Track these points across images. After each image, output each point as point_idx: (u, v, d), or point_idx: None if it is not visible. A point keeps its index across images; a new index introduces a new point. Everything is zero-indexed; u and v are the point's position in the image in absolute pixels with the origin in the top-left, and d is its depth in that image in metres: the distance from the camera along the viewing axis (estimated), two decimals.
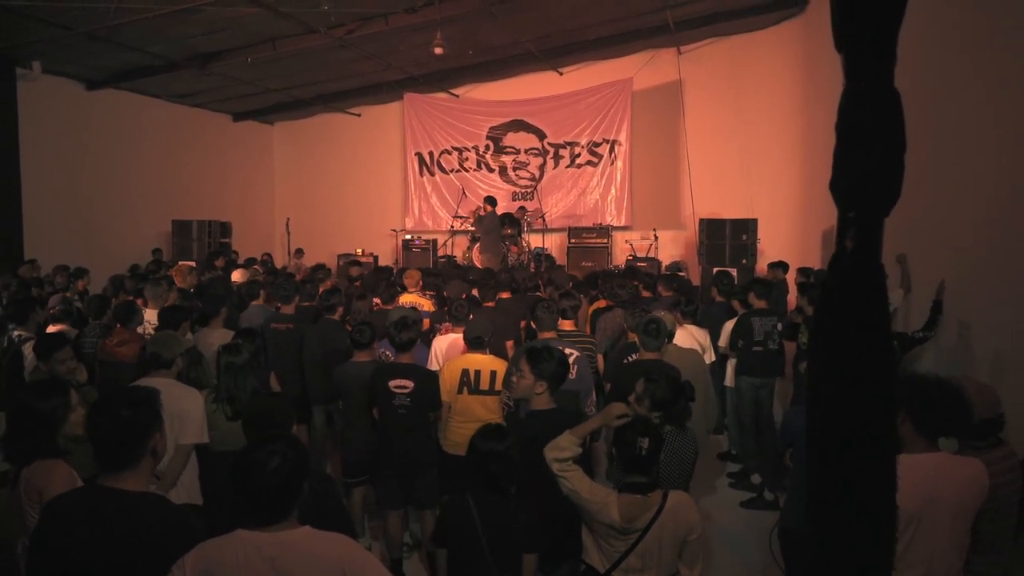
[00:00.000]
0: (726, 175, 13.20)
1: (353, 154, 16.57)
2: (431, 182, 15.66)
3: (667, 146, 13.89)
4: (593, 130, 14.27)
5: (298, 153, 17.24)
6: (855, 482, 1.07)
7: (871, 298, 1.07)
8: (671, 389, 3.33)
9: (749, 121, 12.97)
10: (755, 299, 6.03)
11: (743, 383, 5.91)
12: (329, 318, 5.81)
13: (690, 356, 4.73)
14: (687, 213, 13.50)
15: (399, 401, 4.25)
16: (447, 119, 15.40)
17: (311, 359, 5.59)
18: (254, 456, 2.03)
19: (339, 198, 16.66)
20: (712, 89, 13.45)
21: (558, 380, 3.29)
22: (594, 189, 14.40)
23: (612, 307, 6.20)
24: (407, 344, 4.39)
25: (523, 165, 14.98)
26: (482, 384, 4.39)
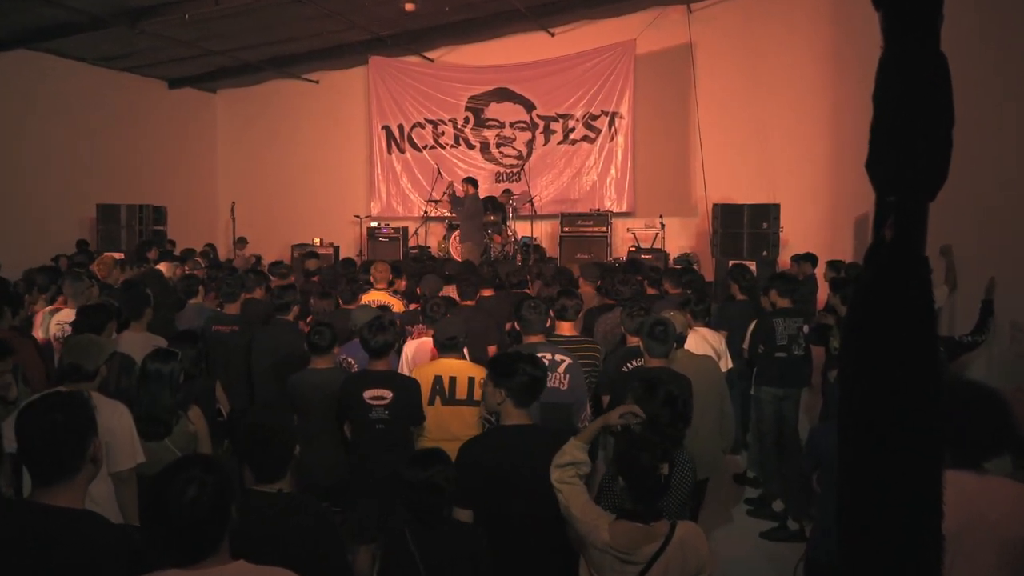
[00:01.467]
0: (743, 153, 13.26)
1: (310, 128, 16.50)
2: (401, 160, 15.62)
3: (675, 120, 13.94)
4: (590, 101, 14.29)
5: (245, 126, 17.13)
6: (894, 509, 1.07)
7: (914, 296, 1.07)
8: (674, 401, 3.34)
9: (770, 90, 13.04)
10: (777, 297, 6.05)
11: (764, 394, 5.94)
12: (282, 319, 5.78)
13: (703, 363, 4.74)
14: (698, 197, 13.56)
15: (376, 415, 4.23)
16: (420, 87, 15.36)
17: (261, 366, 5.56)
18: (167, 487, 2.01)
19: (294, 179, 16.59)
20: (727, 53, 13.50)
21: (526, 393, 3.26)
22: (591, 169, 14.42)
23: (611, 306, 6.20)
24: (383, 348, 4.37)
25: (508, 141, 14.99)
26: (458, 393, 4.37)
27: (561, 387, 4.38)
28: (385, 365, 4.42)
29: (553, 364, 4.37)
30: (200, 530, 2.01)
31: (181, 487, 2.00)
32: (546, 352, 4.42)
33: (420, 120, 15.45)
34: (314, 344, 4.65)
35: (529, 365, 3.27)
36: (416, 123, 15.49)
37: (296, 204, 16.40)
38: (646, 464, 2.74)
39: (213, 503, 2.02)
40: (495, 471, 3.13)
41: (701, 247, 13.20)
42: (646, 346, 4.34)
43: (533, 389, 3.26)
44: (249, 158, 17.10)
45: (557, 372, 4.39)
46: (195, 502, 1.99)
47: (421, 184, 15.23)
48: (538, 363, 3.31)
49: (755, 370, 6.03)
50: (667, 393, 3.37)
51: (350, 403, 4.30)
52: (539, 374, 3.27)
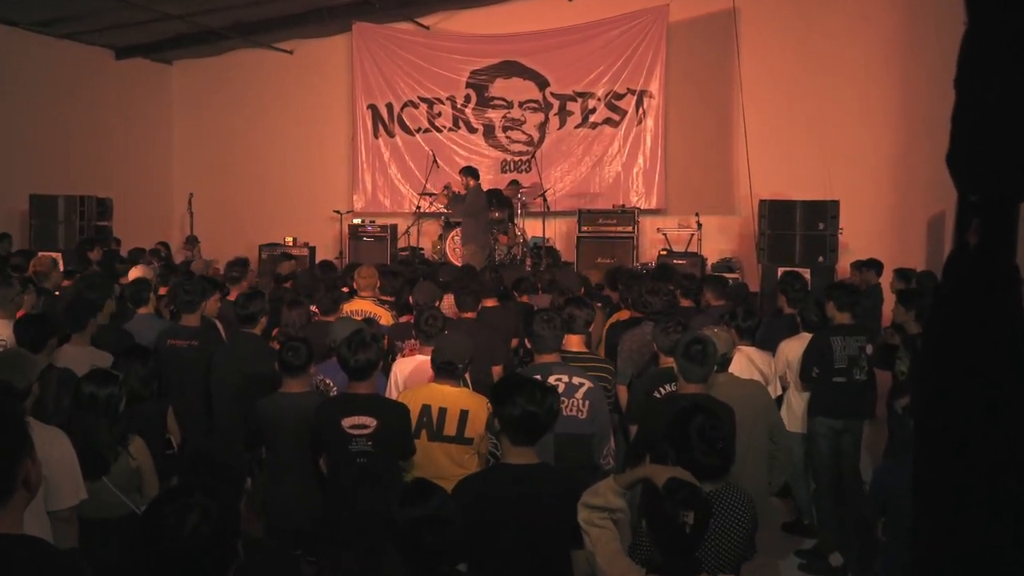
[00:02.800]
0: (796, 141, 13.26)
1: (282, 107, 16.53)
2: (390, 146, 15.66)
3: (715, 100, 13.94)
4: (614, 77, 14.32)
5: (206, 104, 17.19)
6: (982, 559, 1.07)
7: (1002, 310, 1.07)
8: (712, 436, 3.34)
9: (829, 67, 13.04)
10: (835, 311, 6.05)
11: (819, 427, 5.93)
12: (248, 332, 5.79)
13: (749, 389, 4.74)
14: (742, 192, 13.54)
15: (358, 446, 4.24)
16: (412, 59, 15.41)
17: (223, 389, 5.57)
18: (163, 514, 2.01)
19: (262, 167, 16.63)
20: (777, 22, 13.52)
21: (518, 429, 3.26)
22: (614, 158, 14.45)
23: (638, 320, 6.21)
24: (365, 368, 4.38)
25: (516, 124, 15.03)
26: (447, 427, 4.39)
27: (580, 415, 4.39)
28: (368, 388, 4.43)
29: (570, 388, 4.39)
30: (201, 564, 2.00)
31: (180, 514, 2.00)
32: (562, 374, 4.44)
33: (413, 98, 15.49)
34: (286, 363, 4.65)
35: (523, 395, 3.25)
36: (408, 102, 15.52)
37: (265, 197, 16.44)
38: (667, 511, 2.74)
39: (215, 533, 2.02)
40: (487, 519, 3.14)
41: (745, 251, 13.19)
42: (681, 368, 4.34)
43: (527, 426, 3.25)
44: (210, 142, 17.15)
45: (575, 398, 4.40)
46: (196, 532, 1.99)
47: (413, 174, 15.25)
48: (535, 394, 3.27)
49: (809, 398, 6.03)
50: (705, 426, 3.37)
51: (327, 432, 4.31)
52: (533, 408, 3.23)
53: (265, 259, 13.71)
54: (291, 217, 15.79)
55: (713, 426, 3.37)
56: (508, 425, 3.27)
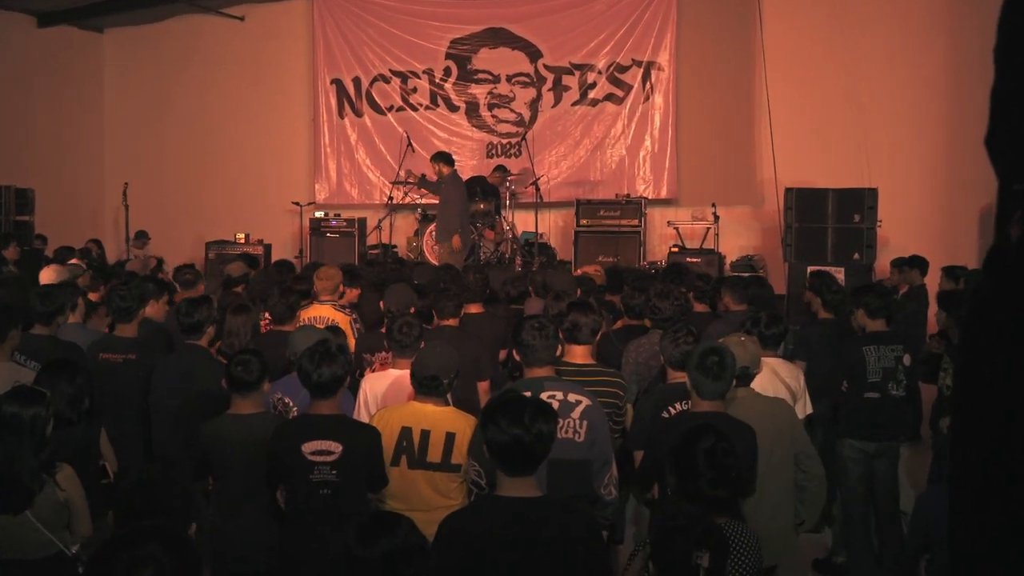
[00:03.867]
0: (828, 121, 13.28)
1: (231, 82, 16.53)
2: (357, 126, 15.68)
3: (734, 74, 13.98)
4: (617, 46, 14.35)
5: (143, 79, 17.15)
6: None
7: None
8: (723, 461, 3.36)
9: (865, 37, 13.07)
10: (866, 317, 6.09)
11: (849, 449, 5.96)
12: (193, 344, 5.79)
13: (773, 408, 4.75)
14: (765, 179, 13.58)
15: (320, 475, 4.24)
16: (383, 26, 15.43)
17: (163, 409, 5.56)
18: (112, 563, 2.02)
19: (209, 153, 16.62)
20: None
21: (504, 459, 3.26)
22: (618, 140, 14.49)
23: (645, 329, 6.23)
24: (330, 385, 4.36)
25: (505, 100, 15.06)
26: (431, 452, 4.38)
27: (576, 438, 4.38)
28: (333, 408, 4.43)
29: (565, 407, 4.38)
30: None
31: (131, 566, 2.00)
32: (555, 390, 4.44)
33: (384, 72, 15.51)
34: (236, 379, 4.64)
35: (508, 417, 3.23)
36: (378, 76, 15.54)
37: (212, 187, 16.45)
38: (678, 551, 2.75)
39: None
40: (477, 562, 3.14)
41: (769, 247, 13.21)
42: (694, 383, 4.35)
43: (515, 454, 3.24)
44: (147, 123, 17.13)
45: (571, 417, 4.40)
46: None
47: (384, 159, 15.26)
48: (522, 415, 3.25)
49: (839, 415, 6.06)
50: (715, 449, 3.38)
51: (285, 460, 4.30)
52: (519, 432, 3.22)
53: (212, 259, 13.70)
54: (243, 210, 15.78)
55: (725, 450, 3.37)
56: (494, 453, 3.27)
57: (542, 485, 3.43)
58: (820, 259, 10.74)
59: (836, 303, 6.87)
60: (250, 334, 6.23)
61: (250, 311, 6.47)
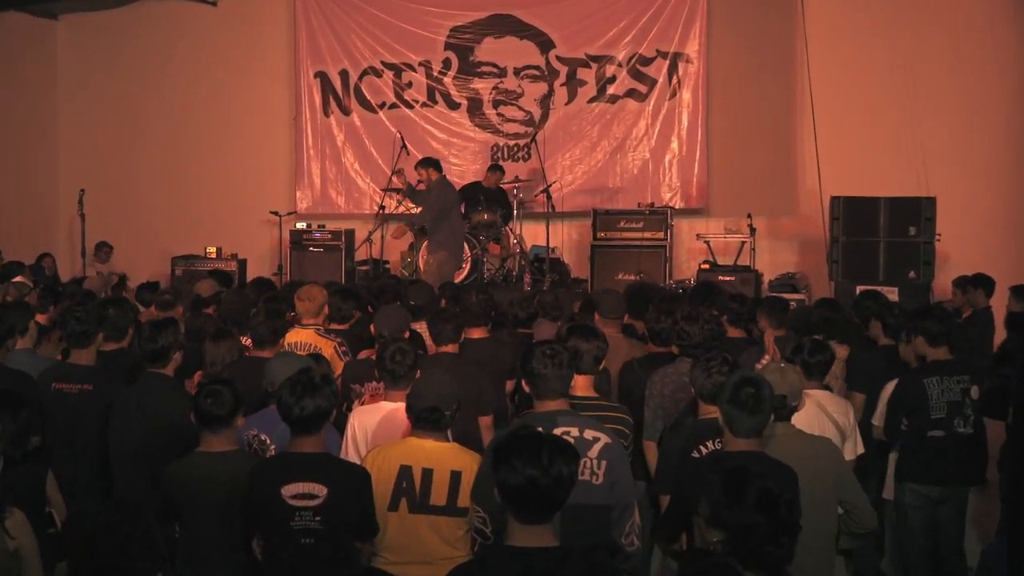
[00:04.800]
0: (880, 122, 13.29)
1: (203, 75, 16.51)
2: (345, 126, 15.70)
3: (773, 66, 14.01)
4: (639, 35, 14.37)
5: (102, 72, 17.13)
6: None
7: None
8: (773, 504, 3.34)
9: (922, 26, 13.08)
10: (927, 345, 6.06)
11: (910, 495, 5.93)
12: (157, 372, 5.78)
13: (817, 448, 4.73)
14: (808, 187, 13.58)
15: (302, 522, 4.23)
16: (375, 12, 15.44)
17: (124, 446, 5.54)
18: None
19: (177, 155, 16.58)
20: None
21: (518, 503, 3.24)
22: (640, 141, 14.51)
23: (673, 356, 6.21)
24: (314, 419, 4.36)
25: (512, 97, 15.08)
26: (434, 494, 4.39)
27: (594, 480, 4.37)
28: (317, 445, 4.43)
29: (582, 445, 4.36)
30: None
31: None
32: (570, 426, 4.42)
33: (375, 64, 15.53)
34: (205, 412, 4.65)
35: (523, 456, 3.22)
36: (368, 69, 15.56)
37: (179, 194, 16.43)
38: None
39: None
40: None
41: (812, 264, 13.20)
42: (727, 418, 4.34)
43: (529, 498, 3.23)
44: (107, 122, 17.10)
45: (588, 457, 4.38)
46: None
47: (375, 163, 15.24)
48: (539, 455, 3.24)
49: (897, 457, 6.02)
50: (763, 493, 3.37)
51: (262, 505, 4.29)
52: (535, 474, 3.20)
53: (180, 276, 13.69)
54: (214, 221, 15.79)
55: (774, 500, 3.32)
56: (507, 497, 3.26)
57: (556, 533, 3.41)
58: (871, 277, 10.73)
59: (900, 328, 6.83)
60: (227, 362, 6.22)
61: (233, 337, 6.47)
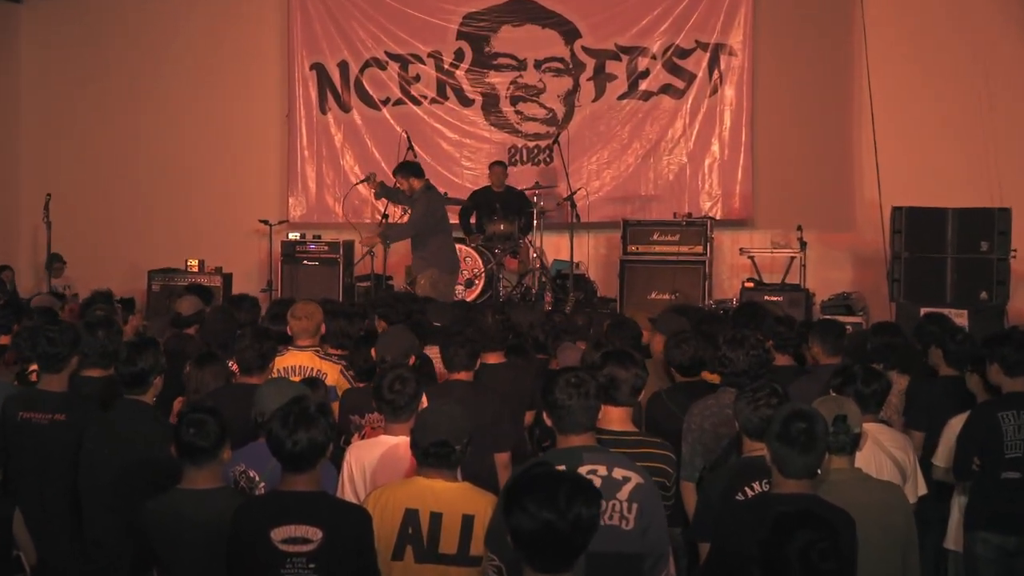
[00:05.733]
0: (946, 124, 13.29)
1: (184, 67, 16.59)
2: (344, 124, 15.79)
3: (827, 61, 14.02)
4: (676, 24, 14.41)
5: (71, 63, 17.21)
6: None
7: None
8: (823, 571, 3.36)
9: (995, 18, 13.08)
10: (1001, 374, 6.06)
11: (982, 545, 5.90)
12: (134, 400, 5.81)
13: (883, 495, 4.75)
14: (865, 196, 13.57)
15: (294, 570, 4.23)
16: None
17: (97, 481, 5.55)
18: None
19: (154, 157, 16.63)
20: None
21: (533, 549, 3.24)
22: (676, 144, 14.54)
23: (714, 386, 6.23)
24: (308, 454, 4.35)
25: (532, 93, 15.13)
26: (443, 541, 4.40)
27: (624, 525, 4.38)
28: (311, 483, 4.42)
29: (611, 485, 4.38)
30: None
31: None
32: (597, 464, 4.44)
33: (378, 55, 15.60)
34: (187, 445, 4.66)
35: (537, 498, 3.19)
36: (371, 60, 15.64)
37: (157, 201, 16.49)
38: None
39: None
40: None
41: (870, 282, 13.18)
42: (776, 457, 4.33)
43: (544, 545, 3.22)
44: (75, 120, 17.14)
45: (617, 499, 4.40)
46: None
47: (378, 165, 15.09)
48: (556, 496, 3.23)
49: (967, 501, 6.03)
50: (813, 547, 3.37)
51: (248, 549, 4.30)
52: (551, 517, 3.18)
53: (158, 292, 13.71)
54: (196, 231, 15.85)
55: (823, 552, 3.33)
56: (520, 543, 3.27)
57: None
58: (937, 298, 10.73)
59: (962, 356, 6.83)
60: (211, 389, 6.25)
61: (220, 361, 6.48)
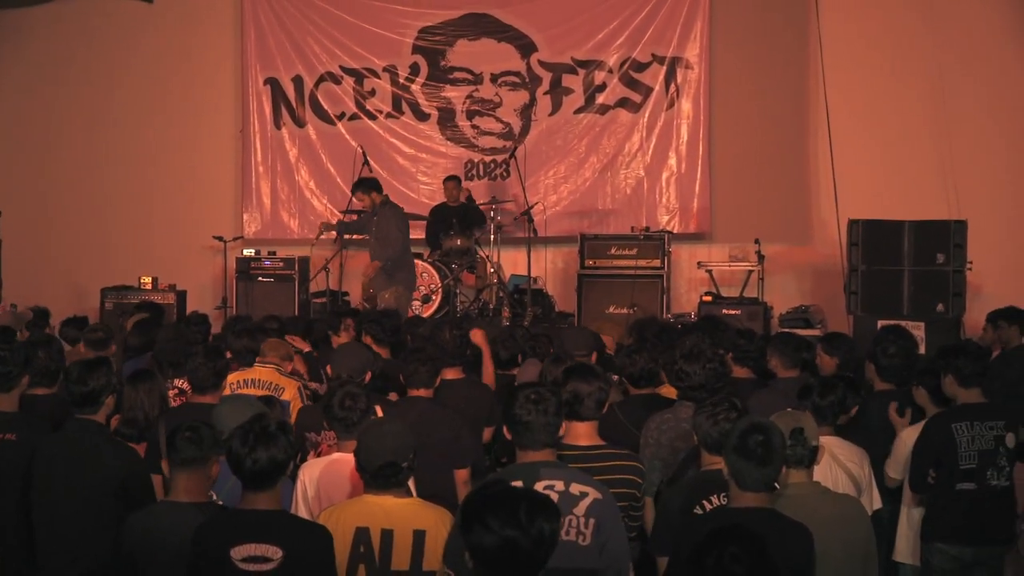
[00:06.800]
0: (902, 136, 13.37)
1: (137, 82, 16.50)
2: (298, 139, 15.76)
3: (783, 74, 14.11)
4: (633, 38, 14.46)
5: (22, 77, 17.11)
6: None
7: None
8: None
9: (949, 31, 13.15)
10: (956, 386, 6.09)
11: (939, 557, 5.93)
12: (85, 419, 5.77)
13: (839, 506, 4.78)
14: (823, 210, 13.64)
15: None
16: (333, 11, 15.52)
17: (48, 502, 5.54)
18: None
19: (106, 172, 16.56)
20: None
21: (503, 565, 3.23)
22: (634, 157, 14.59)
23: (670, 402, 6.23)
24: (269, 473, 4.35)
25: (489, 107, 15.17)
26: (395, 559, 4.40)
27: (581, 541, 4.38)
28: (271, 501, 4.42)
29: (567, 500, 4.39)
30: None
31: None
32: (554, 479, 4.44)
33: (333, 69, 15.60)
34: (181, 451, 4.65)
35: (499, 514, 3.21)
36: (326, 74, 15.64)
37: (110, 217, 16.40)
38: None
39: None
40: None
41: (828, 295, 13.24)
42: (733, 470, 4.35)
43: (508, 563, 3.23)
44: (24, 134, 17.04)
45: (574, 514, 4.41)
46: None
47: (333, 180, 15.32)
48: (516, 512, 3.24)
49: (924, 513, 6.06)
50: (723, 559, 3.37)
51: (209, 568, 4.28)
52: (513, 534, 3.20)
53: (110, 310, 13.62)
54: (149, 247, 15.79)
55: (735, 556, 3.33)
56: (480, 560, 3.26)
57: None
58: (894, 311, 10.79)
59: (895, 370, 6.87)
60: (157, 409, 6.22)
61: (154, 378, 6.46)
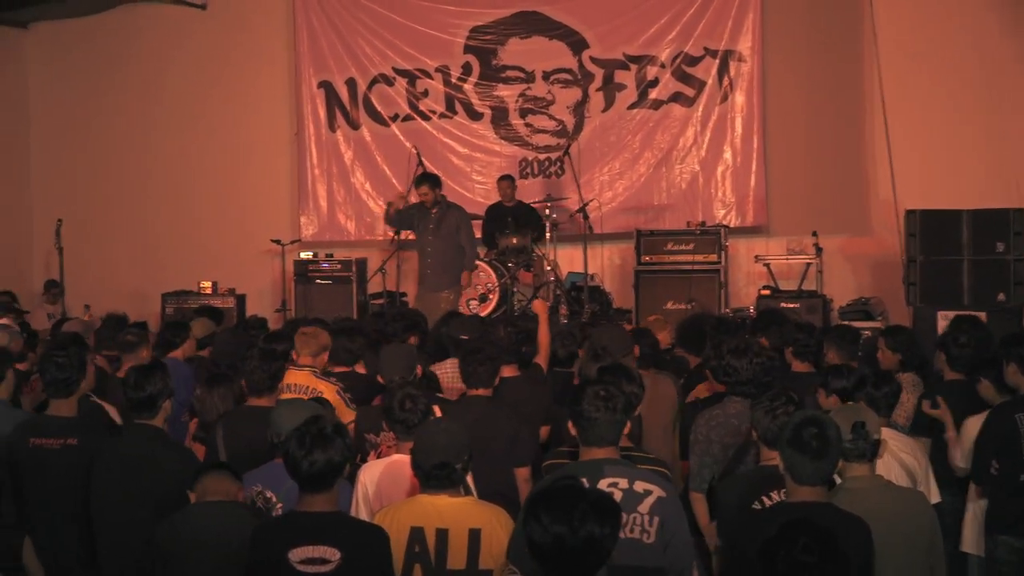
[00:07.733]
0: (961, 125, 13.23)
1: (192, 88, 16.58)
2: (353, 142, 15.77)
3: (838, 64, 13.98)
4: (684, 32, 14.38)
5: (78, 87, 17.22)
6: None
7: None
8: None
9: (1003, 17, 13.01)
10: (1019, 374, 6.02)
11: (1003, 550, 5.87)
12: (144, 423, 5.80)
13: (901, 500, 4.72)
14: (881, 201, 13.52)
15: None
16: (384, 13, 15.51)
17: (108, 506, 5.56)
18: None
19: (164, 179, 16.66)
20: None
21: (554, 562, 3.21)
22: (688, 152, 14.50)
23: (722, 396, 6.18)
24: (325, 475, 4.36)
25: (541, 104, 15.11)
26: (451, 558, 4.40)
27: (645, 539, 4.36)
28: (329, 503, 4.43)
29: (631, 498, 4.37)
30: None
31: None
32: (618, 477, 4.43)
33: (386, 71, 15.58)
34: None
35: (553, 513, 3.21)
36: (379, 76, 15.62)
37: (169, 223, 16.48)
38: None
39: None
40: None
41: (887, 287, 13.10)
42: (788, 464, 4.31)
43: (558, 561, 3.23)
44: (84, 143, 17.15)
45: (638, 512, 4.38)
46: None
47: (388, 182, 15.24)
48: (571, 510, 3.22)
49: (987, 506, 6.01)
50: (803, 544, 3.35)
51: (267, 570, 4.29)
52: (563, 533, 3.19)
53: (171, 315, 13.69)
54: (208, 252, 15.85)
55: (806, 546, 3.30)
56: (534, 555, 3.26)
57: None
58: (954, 301, 10.67)
59: (965, 359, 6.80)
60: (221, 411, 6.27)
61: (230, 382, 6.49)
